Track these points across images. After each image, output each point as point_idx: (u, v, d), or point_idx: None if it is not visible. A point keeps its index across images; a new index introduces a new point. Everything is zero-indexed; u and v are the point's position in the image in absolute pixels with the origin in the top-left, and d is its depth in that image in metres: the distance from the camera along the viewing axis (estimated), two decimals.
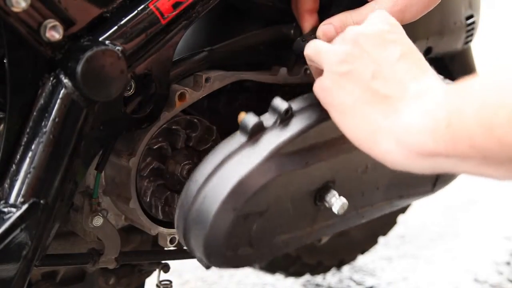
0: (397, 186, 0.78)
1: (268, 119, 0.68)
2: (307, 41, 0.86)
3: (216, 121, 0.89)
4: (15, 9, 0.64)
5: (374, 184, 0.78)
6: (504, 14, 3.54)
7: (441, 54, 1.05)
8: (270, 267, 1.54)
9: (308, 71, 0.92)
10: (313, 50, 0.72)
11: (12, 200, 0.67)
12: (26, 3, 0.64)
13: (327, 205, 0.72)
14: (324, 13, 0.87)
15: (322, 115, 0.69)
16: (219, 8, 0.82)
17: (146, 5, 0.74)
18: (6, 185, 0.68)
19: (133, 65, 0.74)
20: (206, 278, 1.67)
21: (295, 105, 0.70)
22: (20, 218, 0.66)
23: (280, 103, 0.68)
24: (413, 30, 0.95)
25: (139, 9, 0.73)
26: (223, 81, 0.85)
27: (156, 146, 0.82)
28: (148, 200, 0.84)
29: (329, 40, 0.85)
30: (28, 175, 0.68)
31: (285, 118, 0.68)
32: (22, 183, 0.68)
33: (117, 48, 0.71)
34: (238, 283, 1.66)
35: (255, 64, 0.91)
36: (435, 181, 0.87)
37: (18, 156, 0.69)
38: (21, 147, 0.69)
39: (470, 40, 1.09)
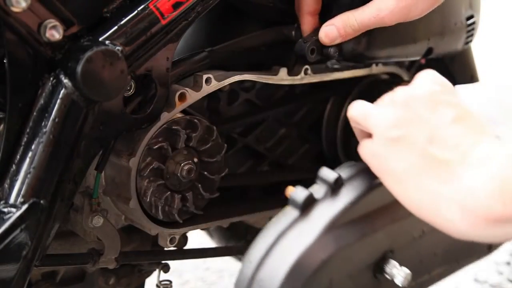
0: (455, 249, 0.72)
1: (317, 190, 0.65)
2: (309, 42, 0.86)
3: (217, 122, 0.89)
4: (15, 9, 0.64)
5: (432, 250, 0.74)
6: (504, 14, 3.54)
7: (442, 54, 1.05)
8: None
9: (309, 71, 0.92)
10: (360, 113, 0.67)
11: (12, 200, 0.67)
12: (26, 3, 0.64)
13: (388, 277, 0.67)
14: (326, 14, 0.87)
15: (373, 181, 0.66)
16: (219, 8, 0.82)
17: (146, 5, 0.74)
18: (6, 185, 0.68)
19: (133, 65, 0.74)
20: (206, 278, 1.66)
21: (344, 173, 0.66)
22: (20, 218, 0.66)
23: (328, 173, 0.65)
24: (414, 31, 0.96)
25: (139, 9, 0.73)
26: (223, 81, 0.85)
27: (156, 146, 0.82)
28: (148, 200, 0.84)
29: (332, 41, 0.85)
30: (28, 175, 0.68)
31: (335, 188, 0.64)
32: (22, 183, 0.68)
33: (117, 48, 0.71)
34: None
35: (255, 65, 0.91)
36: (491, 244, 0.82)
37: (18, 156, 0.68)
38: (21, 147, 0.69)
39: (470, 41, 1.09)
